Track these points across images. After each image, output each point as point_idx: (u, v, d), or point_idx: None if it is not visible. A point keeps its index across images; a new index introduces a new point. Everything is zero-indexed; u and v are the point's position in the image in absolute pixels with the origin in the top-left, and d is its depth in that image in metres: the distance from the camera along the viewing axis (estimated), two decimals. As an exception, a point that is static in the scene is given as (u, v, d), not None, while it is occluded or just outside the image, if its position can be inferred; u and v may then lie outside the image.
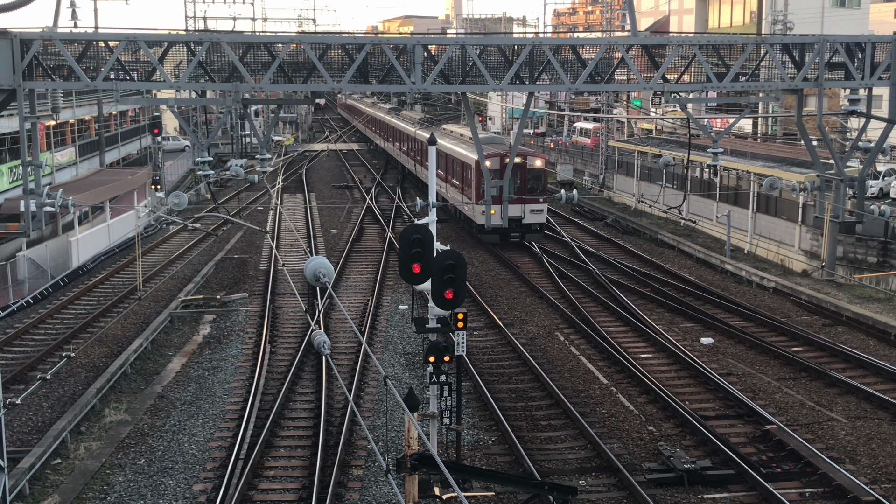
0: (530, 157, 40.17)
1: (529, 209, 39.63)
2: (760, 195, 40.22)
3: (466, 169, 41.83)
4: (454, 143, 45.34)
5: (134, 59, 15.98)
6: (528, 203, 39.50)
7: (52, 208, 15.50)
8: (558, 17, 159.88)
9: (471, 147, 39.99)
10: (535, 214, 40.07)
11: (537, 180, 40.08)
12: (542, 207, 40.29)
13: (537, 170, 40.09)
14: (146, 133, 64.72)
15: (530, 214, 39.76)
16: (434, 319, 17.46)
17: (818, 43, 17.06)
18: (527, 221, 39.78)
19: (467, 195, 41.53)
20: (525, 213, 39.53)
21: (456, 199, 43.74)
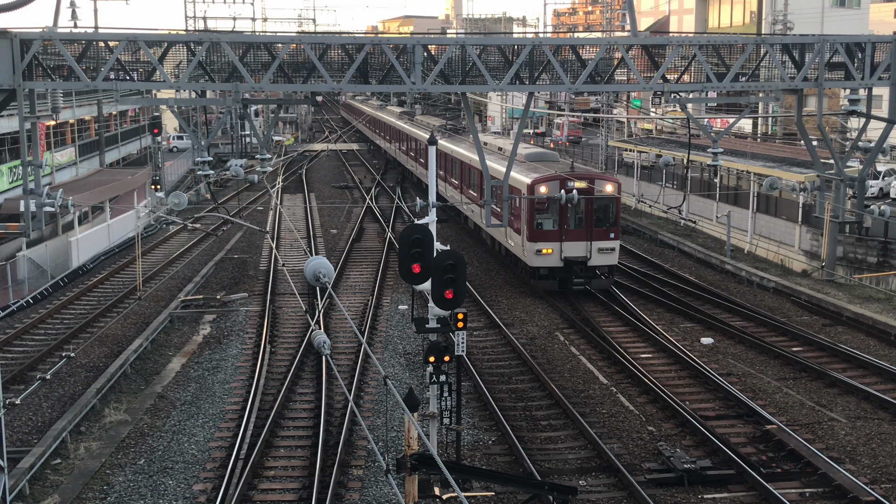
0: (598, 181, 31.99)
1: (597, 247, 31.22)
2: (760, 195, 40.22)
3: (513, 196, 33.90)
4: (495, 161, 37.20)
5: (134, 59, 15.97)
6: (596, 239, 31.32)
7: (52, 208, 15.48)
8: (558, 17, 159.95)
9: (520, 168, 32.84)
10: (605, 255, 31.49)
11: (607, 210, 31.74)
12: (613, 245, 31.52)
13: (607, 197, 31.63)
14: (146, 133, 64.72)
15: (598, 255, 31.35)
16: (434, 319, 17.46)
17: (818, 43, 17.06)
18: (593, 263, 31.43)
19: (513, 227, 33.54)
20: (591, 252, 31.26)
21: (499, 232, 36.49)
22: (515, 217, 33.14)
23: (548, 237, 30.88)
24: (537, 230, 31.18)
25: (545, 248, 30.83)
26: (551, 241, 30.97)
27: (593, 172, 34.30)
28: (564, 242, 31.04)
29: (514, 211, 33.12)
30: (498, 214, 33.14)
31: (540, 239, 31.04)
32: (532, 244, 31.28)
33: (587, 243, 31.31)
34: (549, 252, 30.95)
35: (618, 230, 31.91)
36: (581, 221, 31.44)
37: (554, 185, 30.83)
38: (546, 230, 30.96)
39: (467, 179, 41.21)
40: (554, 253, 31.04)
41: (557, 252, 31.07)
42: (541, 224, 31.31)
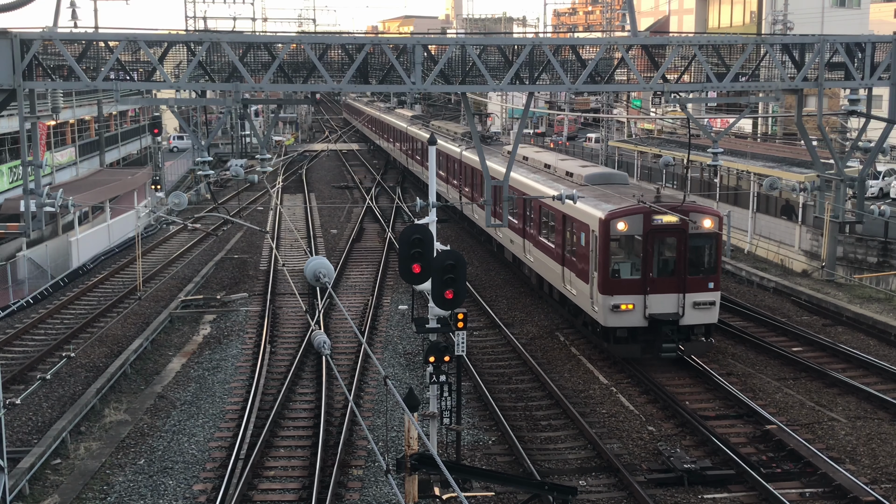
0: (693, 214, 24.15)
1: (692, 301, 23.98)
2: (760, 195, 40.23)
3: (576, 231, 26.01)
4: (543, 183, 30.30)
5: (134, 59, 15.98)
6: (691, 291, 24.02)
7: (52, 208, 15.49)
8: (558, 17, 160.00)
9: (584, 194, 25.74)
10: (701, 311, 24.21)
11: (704, 252, 24.56)
12: (712, 298, 24.37)
13: (706, 234, 24.25)
14: (146, 133, 64.73)
15: (693, 311, 24.05)
16: (434, 319, 17.47)
17: (818, 43, 17.06)
18: (687, 322, 24.09)
19: (574, 269, 26.20)
20: (684, 307, 23.96)
21: (551, 272, 28.80)
22: (579, 258, 25.77)
23: (627, 288, 23.88)
24: (613, 279, 23.96)
25: (624, 303, 23.80)
26: (632, 294, 23.91)
27: (686, 203, 24.98)
28: (650, 295, 23.86)
29: (577, 249, 25.84)
30: (554, 253, 28.12)
31: (617, 290, 23.91)
32: (606, 297, 23.92)
33: (679, 296, 24.00)
34: (630, 308, 23.82)
35: (718, 278, 24.58)
36: (671, 267, 24.18)
37: (636, 221, 23.95)
38: (625, 279, 23.95)
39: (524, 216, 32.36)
40: (636, 309, 23.89)
41: (640, 308, 23.92)
42: (617, 271, 24.10)
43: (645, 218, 23.96)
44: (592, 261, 24.73)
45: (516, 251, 33.55)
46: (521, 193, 30.93)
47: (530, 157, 35.17)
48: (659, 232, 23.92)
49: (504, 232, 34.61)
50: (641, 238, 23.93)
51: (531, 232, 30.86)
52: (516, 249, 33.45)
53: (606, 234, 24.02)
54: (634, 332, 24.26)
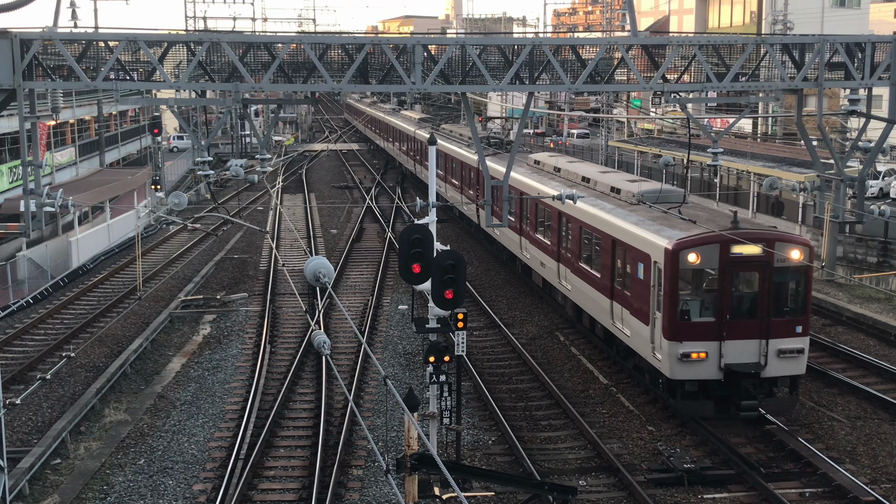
0: (779, 244, 20.30)
1: (776, 348, 20.15)
2: (761, 195, 40.23)
3: (631, 260, 22.14)
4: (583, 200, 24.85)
5: (134, 59, 15.97)
6: (776, 336, 20.18)
7: (52, 208, 15.48)
8: (558, 17, 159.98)
9: (639, 217, 22.76)
10: (787, 360, 20.31)
11: (791, 289, 20.78)
12: (800, 345, 20.48)
13: (794, 268, 20.48)
14: (146, 133, 64.73)
15: (777, 360, 20.21)
16: (434, 319, 17.47)
17: (818, 43, 17.06)
18: (770, 374, 20.27)
19: (631, 307, 22.23)
20: (767, 355, 20.12)
21: (595, 305, 25.00)
22: (635, 293, 21.87)
23: (699, 333, 20.04)
24: (682, 322, 20.13)
25: (695, 351, 19.94)
26: (705, 340, 20.02)
27: (769, 231, 21.39)
28: (726, 342, 19.95)
29: (633, 282, 22.05)
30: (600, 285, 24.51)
31: (687, 336, 20.05)
32: (673, 344, 19.98)
33: (761, 342, 20.11)
34: (702, 357, 19.97)
35: (807, 321, 20.74)
36: (751, 307, 20.32)
37: (711, 252, 20.12)
38: (696, 322, 20.19)
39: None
40: (709, 359, 20.00)
41: (714, 356, 19.98)
42: (687, 312, 20.26)
43: (722, 248, 20.04)
44: (654, 298, 20.75)
45: (548, 276, 29.38)
46: (554, 211, 27.67)
47: (563, 169, 30.90)
48: (738, 265, 20.15)
49: (532, 252, 30.89)
50: (717, 272, 20.09)
51: (568, 256, 26.88)
52: (549, 274, 29.30)
53: (674, 267, 20.04)
54: (706, 385, 20.26)
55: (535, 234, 30.32)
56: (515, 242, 33.17)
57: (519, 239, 32.58)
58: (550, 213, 28.56)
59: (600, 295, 24.26)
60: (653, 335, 20.92)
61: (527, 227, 31.48)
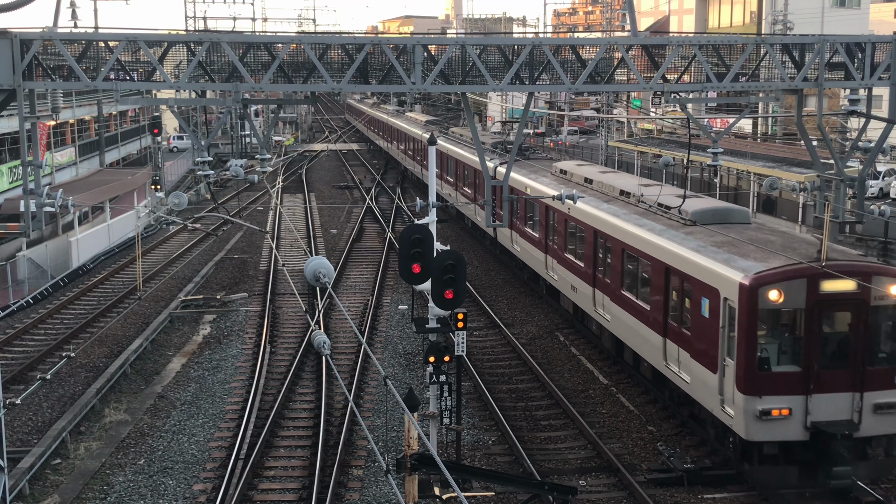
0: (877, 278, 17.33)
1: (872, 402, 17.17)
2: (760, 195, 40.22)
3: (693, 293, 18.94)
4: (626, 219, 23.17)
5: (134, 59, 15.96)
6: (872, 388, 17.19)
7: (52, 208, 15.47)
8: (558, 17, 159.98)
9: (700, 243, 19.61)
10: (885, 417, 17.29)
11: (889, 331, 17.68)
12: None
13: (893, 306, 17.49)
14: (146, 133, 64.73)
15: (873, 416, 17.19)
16: (434, 319, 17.47)
17: (818, 43, 17.05)
18: (865, 433, 17.23)
19: (691, 348, 19.06)
20: (861, 410, 17.15)
21: (642, 342, 21.76)
22: (698, 333, 18.69)
23: (781, 385, 16.97)
24: (761, 372, 17.03)
25: (776, 408, 16.84)
26: (788, 394, 16.91)
27: (864, 262, 18.39)
28: (813, 396, 16.92)
29: (694, 320, 18.88)
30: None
31: (766, 389, 16.95)
32: (750, 399, 16.84)
33: (854, 396, 17.09)
34: (784, 414, 16.88)
35: None
36: (843, 354, 17.31)
37: (796, 288, 16.98)
38: (777, 372, 17.11)
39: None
40: (793, 416, 16.92)
41: (799, 413, 16.95)
42: (767, 360, 17.16)
43: (809, 284, 16.95)
44: (724, 341, 17.57)
45: (581, 302, 25.97)
46: (589, 229, 24.92)
47: (596, 181, 27.41)
48: (829, 304, 17.14)
49: (560, 273, 27.79)
50: (804, 312, 16.98)
51: (607, 281, 23.68)
52: (581, 300, 25.86)
53: (752, 306, 16.87)
54: (789, 448, 17.13)
55: (565, 254, 27.11)
56: (540, 261, 30.08)
57: (544, 257, 29.51)
58: (584, 231, 25.25)
59: (649, 331, 21.01)
60: (721, 385, 17.63)
61: (554, 245, 28.38)
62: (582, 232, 25.70)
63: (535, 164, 33.69)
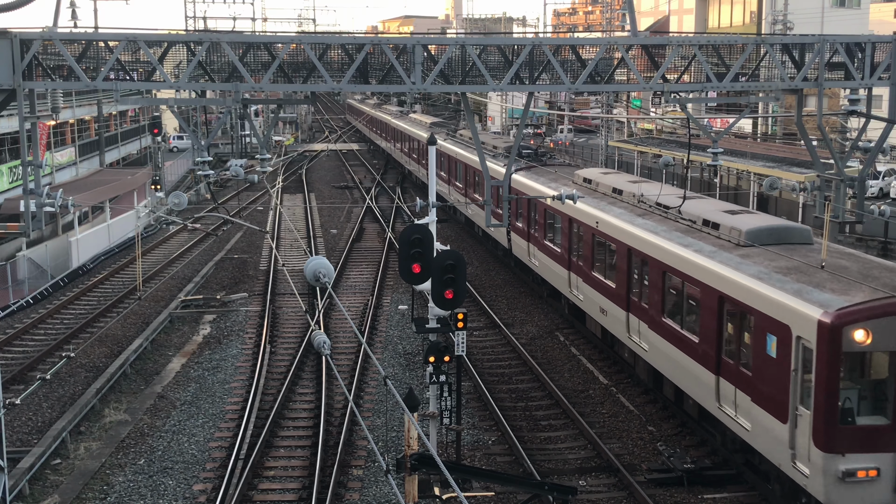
0: None
1: None
2: (760, 195, 40.22)
3: (756, 328, 16.57)
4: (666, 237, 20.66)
5: (134, 59, 15.96)
6: None
7: (52, 208, 15.47)
8: (558, 17, 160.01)
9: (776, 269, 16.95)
10: None
11: None
12: None
13: None
14: (146, 133, 64.74)
15: None
16: (434, 319, 17.47)
17: (818, 43, 17.05)
18: None
19: (753, 391, 16.69)
20: None
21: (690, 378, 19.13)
22: (761, 374, 16.30)
23: (868, 441, 14.65)
24: (845, 426, 14.67)
25: (863, 468, 14.51)
26: (876, 451, 14.59)
27: None
28: None
29: (756, 359, 16.40)
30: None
31: (851, 445, 14.59)
32: (830, 457, 14.52)
33: None
34: (872, 476, 14.53)
35: None
36: None
37: (888, 327, 14.54)
38: (863, 426, 14.79)
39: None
40: (881, 478, 14.55)
41: (889, 475, 14.56)
42: (851, 412, 14.85)
43: None
44: (797, 387, 15.17)
45: (612, 326, 23.45)
46: (622, 247, 22.49)
47: (626, 192, 24.73)
48: None
49: (587, 293, 25.19)
50: None
51: (644, 306, 21.22)
52: (612, 324, 23.38)
53: (834, 347, 14.41)
54: None
55: (593, 272, 24.55)
56: (562, 278, 27.47)
57: (567, 274, 26.94)
58: (617, 248, 22.87)
59: (698, 366, 18.46)
60: (793, 438, 15.18)
61: (579, 262, 25.85)
62: (613, 249, 23.28)
63: (554, 172, 31.25)
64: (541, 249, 29.72)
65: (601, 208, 24.65)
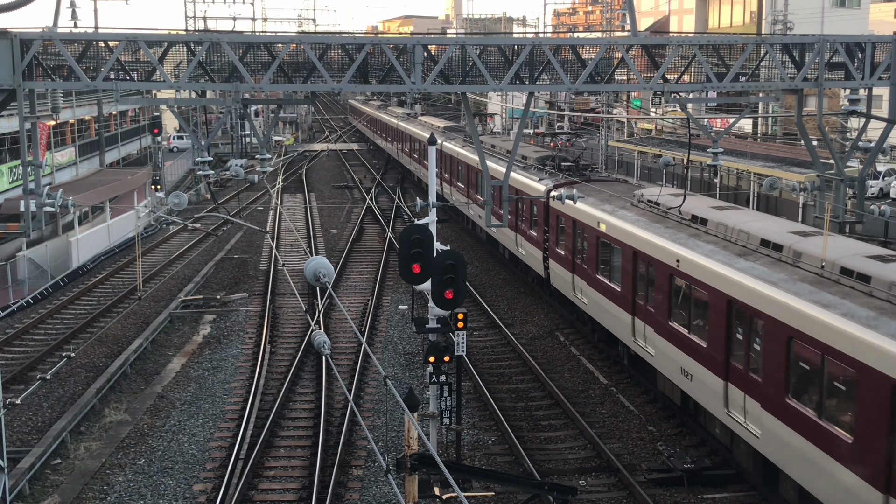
0: None
1: None
2: (760, 195, 40.22)
3: None
4: (819, 306, 14.88)
5: (134, 59, 15.96)
6: None
7: (52, 208, 15.47)
8: (558, 17, 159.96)
9: None
10: None
11: None
12: None
13: None
14: (146, 133, 64.74)
15: None
16: (434, 319, 17.47)
17: (818, 43, 17.05)
18: None
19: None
20: None
21: (815, 472, 14.59)
22: None
23: None
24: None
25: None
26: None
27: None
28: None
29: None
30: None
31: None
32: None
33: None
34: None
35: None
36: None
37: None
38: None
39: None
40: None
41: None
42: None
43: None
44: None
45: (699, 393, 18.77)
46: (718, 299, 17.69)
47: (714, 221, 20.04)
48: None
49: (658, 345, 20.47)
50: None
51: (754, 378, 16.53)
52: (701, 392, 18.64)
53: None
54: None
55: (670, 323, 19.84)
56: (624, 324, 22.46)
57: (631, 320, 22.07)
58: (709, 299, 18.04)
59: (832, 460, 14.08)
60: None
61: (648, 307, 21.10)
62: (704, 298, 18.34)
63: (604, 190, 26.28)
64: (591, 285, 24.70)
65: (681, 242, 19.86)
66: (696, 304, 18.98)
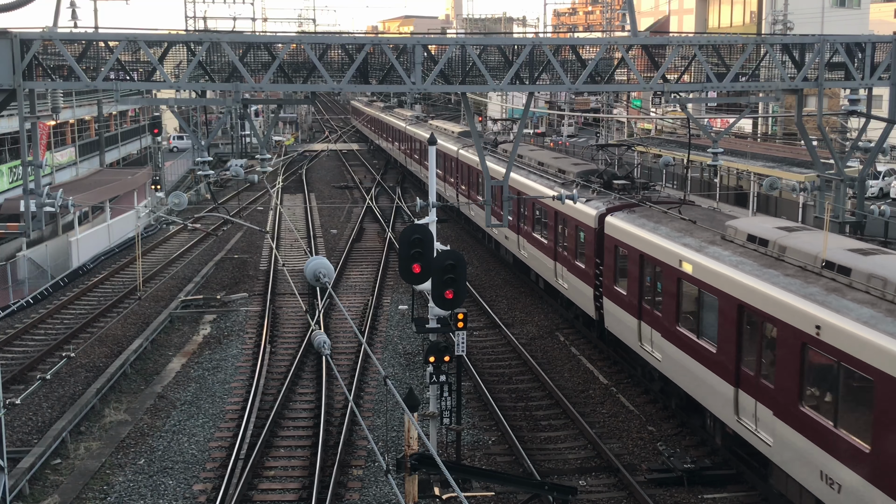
0: None
1: None
2: (760, 195, 40.22)
3: None
4: None
5: (134, 59, 15.97)
6: None
7: (52, 208, 15.49)
8: (558, 17, 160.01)
9: None
10: None
11: None
12: None
13: None
14: (146, 133, 64.75)
15: None
16: (434, 319, 17.47)
17: (818, 43, 17.06)
18: None
19: None
20: None
21: None
22: None
23: None
24: None
25: None
26: None
27: None
28: None
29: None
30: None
31: None
32: None
33: None
34: None
35: None
36: None
37: None
38: None
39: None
40: None
41: None
42: None
43: None
44: None
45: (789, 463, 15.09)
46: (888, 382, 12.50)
47: (791, 248, 16.70)
48: None
49: (777, 431, 15.33)
50: None
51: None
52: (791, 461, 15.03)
53: None
54: None
55: (801, 407, 14.67)
56: (722, 396, 17.52)
57: (734, 392, 17.10)
58: (870, 385, 12.98)
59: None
60: None
61: (756, 374, 16.32)
62: (867, 384, 13.09)
63: (679, 217, 21.16)
64: (668, 338, 19.90)
65: (819, 300, 14.56)
66: (848, 388, 13.67)
